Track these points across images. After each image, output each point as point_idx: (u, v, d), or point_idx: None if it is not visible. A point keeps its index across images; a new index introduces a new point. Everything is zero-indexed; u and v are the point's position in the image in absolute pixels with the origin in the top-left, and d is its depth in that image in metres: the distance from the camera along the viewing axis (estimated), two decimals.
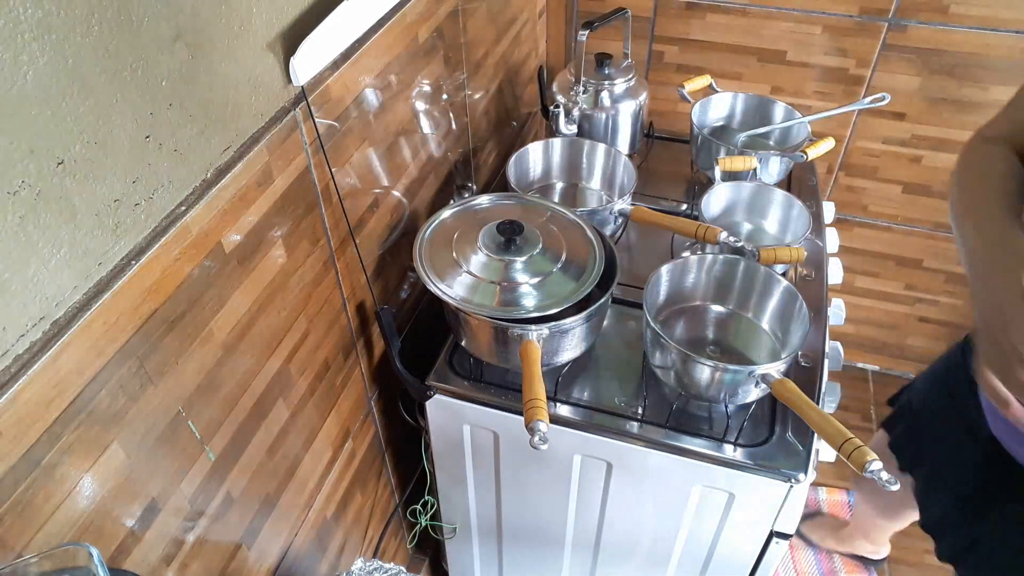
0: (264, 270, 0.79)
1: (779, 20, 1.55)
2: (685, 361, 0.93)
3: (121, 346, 0.60)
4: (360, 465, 1.17)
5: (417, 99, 1.06)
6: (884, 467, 0.76)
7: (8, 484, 0.52)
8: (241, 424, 0.81)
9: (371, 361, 1.12)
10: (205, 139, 0.65)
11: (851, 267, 1.90)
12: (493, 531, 1.31)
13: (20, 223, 0.49)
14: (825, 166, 1.73)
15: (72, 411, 0.57)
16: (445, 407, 1.09)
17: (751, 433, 0.99)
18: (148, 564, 0.70)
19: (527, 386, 0.85)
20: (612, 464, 1.05)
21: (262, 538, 0.91)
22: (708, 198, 1.20)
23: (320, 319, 0.93)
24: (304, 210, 0.84)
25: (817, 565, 1.77)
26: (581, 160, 1.36)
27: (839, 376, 1.14)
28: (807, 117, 1.38)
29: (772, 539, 1.04)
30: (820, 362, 1.07)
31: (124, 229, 0.58)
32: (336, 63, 0.83)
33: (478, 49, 1.26)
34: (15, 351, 0.51)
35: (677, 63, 1.69)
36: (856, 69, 1.57)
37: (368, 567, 0.91)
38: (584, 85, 1.37)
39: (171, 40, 0.59)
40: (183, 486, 0.73)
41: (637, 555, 1.20)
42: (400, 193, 1.09)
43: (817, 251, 1.25)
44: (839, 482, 1.90)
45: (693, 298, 1.11)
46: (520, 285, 0.95)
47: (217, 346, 0.73)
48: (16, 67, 0.46)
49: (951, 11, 1.43)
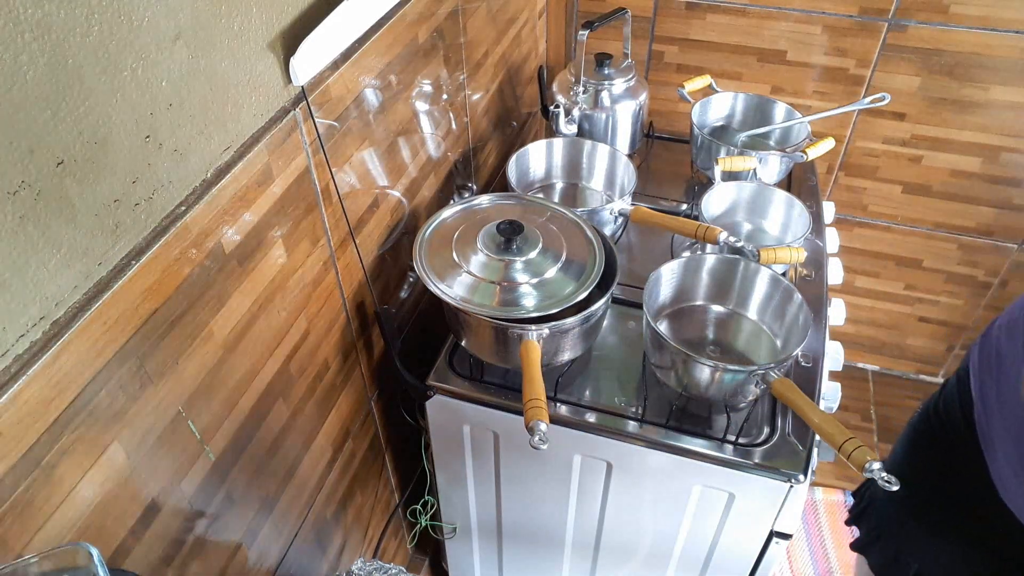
0: (264, 270, 0.79)
1: (779, 20, 1.55)
2: (685, 361, 0.93)
3: (121, 346, 0.60)
4: (360, 465, 1.17)
5: (417, 99, 1.06)
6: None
7: (8, 484, 0.52)
8: (241, 424, 0.81)
9: (371, 361, 1.12)
10: (205, 139, 0.65)
11: (851, 267, 1.90)
12: (493, 531, 1.31)
13: (20, 223, 0.49)
14: (825, 166, 1.73)
15: (72, 411, 0.57)
16: (445, 407, 1.09)
17: (751, 433, 0.99)
18: (148, 564, 0.70)
19: (527, 386, 0.85)
20: (612, 464, 1.05)
21: (262, 538, 0.91)
22: (708, 198, 1.20)
23: (320, 319, 0.93)
24: (304, 210, 0.84)
25: (813, 566, 1.77)
26: (581, 160, 1.36)
27: (839, 376, 1.14)
28: (807, 117, 1.38)
29: (772, 539, 1.05)
30: (820, 362, 1.07)
31: (124, 229, 0.58)
32: (336, 63, 0.83)
33: (478, 49, 1.26)
34: (15, 351, 0.51)
35: (677, 63, 1.69)
36: (856, 69, 1.57)
37: (368, 567, 0.91)
38: (584, 85, 1.37)
39: (171, 40, 0.59)
40: (183, 486, 0.73)
41: (637, 555, 1.20)
42: (400, 193, 1.09)
43: (817, 251, 1.26)
44: (839, 482, 1.90)
45: (693, 298, 1.11)
46: (520, 285, 0.95)
47: (217, 346, 0.73)
48: (16, 67, 0.46)
49: (951, 11, 1.43)
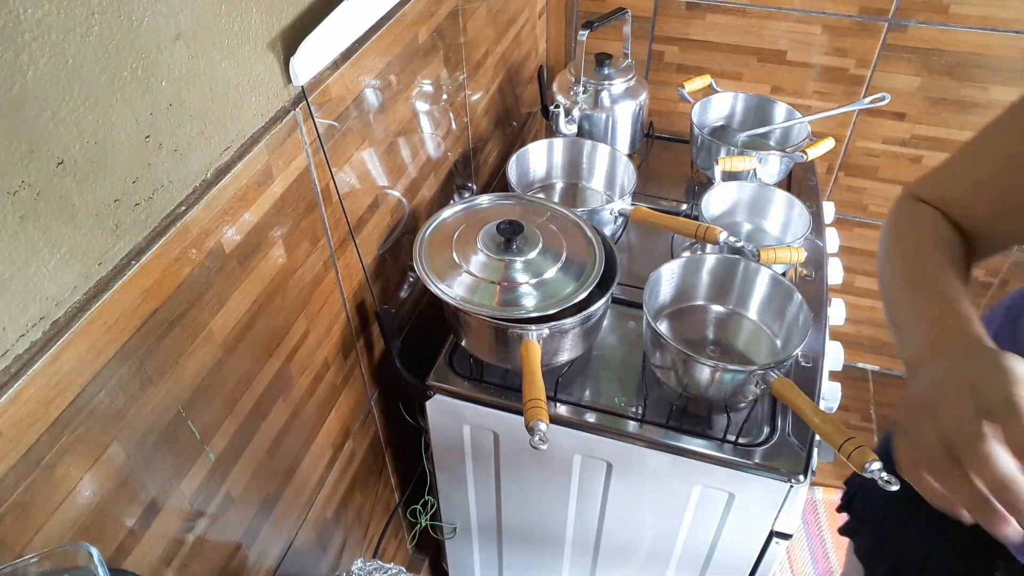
0: (264, 270, 0.79)
1: (779, 20, 1.55)
2: (685, 361, 0.93)
3: (121, 346, 0.60)
4: (360, 465, 1.17)
5: (417, 99, 1.06)
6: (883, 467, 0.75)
7: (8, 484, 0.52)
8: (241, 424, 0.81)
9: (371, 361, 1.12)
10: (205, 139, 0.65)
11: (851, 267, 1.90)
12: (493, 531, 1.31)
13: (20, 223, 0.49)
14: (825, 166, 1.73)
15: (72, 411, 0.57)
16: (445, 407, 1.09)
17: (751, 433, 0.99)
18: (148, 564, 0.70)
19: (527, 386, 0.85)
20: (612, 464, 1.05)
21: (262, 538, 0.91)
22: (708, 198, 1.20)
23: (320, 319, 0.93)
24: (304, 210, 0.84)
25: (813, 566, 1.77)
26: (581, 160, 1.36)
27: (839, 376, 1.14)
28: (807, 117, 1.38)
29: (772, 539, 1.04)
30: (820, 362, 1.07)
31: (124, 229, 0.58)
32: (336, 63, 0.83)
33: (478, 49, 1.26)
34: (15, 351, 0.51)
35: (677, 63, 1.69)
36: (856, 69, 1.57)
37: (368, 567, 0.91)
38: (584, 85, 1.37)
39: (171, 40, 0.59)
40: (183, 486, 0.73)
41: (637, 555, 1.20)
42: (400, 193, 1.09)
43: (817, 251, 1.25)
44: (839, 482, 1.90)
45: (693, 298, 1.11)
46: (520, 285, 0.95)
47: (217, 346, 0.73)
48: (16, 67, 0.46)
49: (951, 11, 1.43)
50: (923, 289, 0.66)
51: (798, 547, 1.81)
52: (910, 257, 0.71)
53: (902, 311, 0.67)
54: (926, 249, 0.70)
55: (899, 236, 0.74)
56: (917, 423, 0.51)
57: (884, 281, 0.72)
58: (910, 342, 0.62)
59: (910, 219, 0.74)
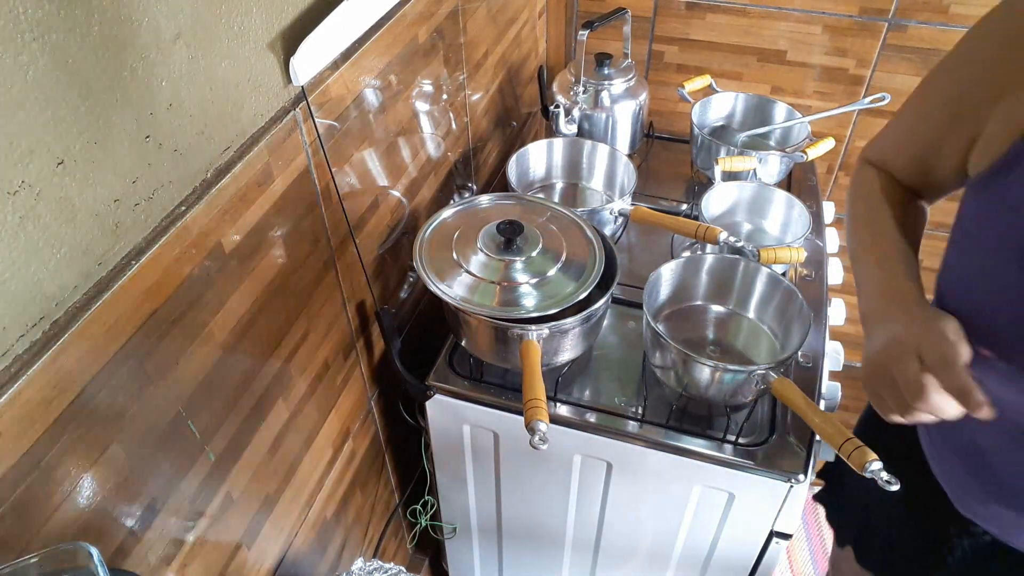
0: (264, 270, 0.79)
1: (779, 20, 1.55)
2: (685, 361, 0.93)
3: (121, 346, 0.60)
4: (360, 465, 1.17)
5: (417, 99, 1.06)
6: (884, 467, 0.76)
7: (8, 484, 0.52)
8: (241, 424, 0.81)
9: (371, 361, 1.12)
10: (205, 139, 0.65)
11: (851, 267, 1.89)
12: (493, 531, 1.31)
13: (20, 223, 0.49)
14: (825, 166, 1.73)
15: (72, 411, 0.57)
16: (445, 407, 1.09)
17: (751, 433, 0.99)
18: (148, 564, 0.70)
19: (527, 386, 0.85)
20: (612, 464, 1.05)
21: (262, 538, 0.91)
22: (708, 198, 1.20)
23: (320, 319, 0.93)
24: (304, 210, 0.84)
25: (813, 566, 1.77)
26: (581, 160, 1.36)
27: (839, 376, 1.14)
28: (807, 117, 1.38)
29: (772, 539, 1.05)
30: (820, 362, 1.07)
31: (124, 229, 0.58)
32: (336, 63, 0.83)
33: (478, 49, 1.26)
34: (15, 351, 0.51)
35: (677, 63, 1.69)
36: (856, 69, 1.56)
37: (368, 567, 0.91)
38: (584, 85, 1.37)
39: (171, 40, 0.59)
40: (183, 486, 0.73)
41: (637, 555, 1.20)
42: (400, 193, 1.09)
43: (817, 251, 1.26)
44: None
45: (693, 298, 1.11)
46: (520, 285, 0.95)
47: (217, 346, 0.73)
48: (16, 67, 0.46)
49: (951, 11, 1.43)
50: (870, 252, 0.78)
51: (798, 547, 1.81)
52: (861, 220, 0.81)
53: (856, 272, 0.79)
54: (872, 211, 0.80)
55: (852, 200, 0.85)
56: (879, 383, 0.67)
57: (847, 246, 0.83)
58: (862, 301, 0.76)
59: (859, 184, 0.84)
